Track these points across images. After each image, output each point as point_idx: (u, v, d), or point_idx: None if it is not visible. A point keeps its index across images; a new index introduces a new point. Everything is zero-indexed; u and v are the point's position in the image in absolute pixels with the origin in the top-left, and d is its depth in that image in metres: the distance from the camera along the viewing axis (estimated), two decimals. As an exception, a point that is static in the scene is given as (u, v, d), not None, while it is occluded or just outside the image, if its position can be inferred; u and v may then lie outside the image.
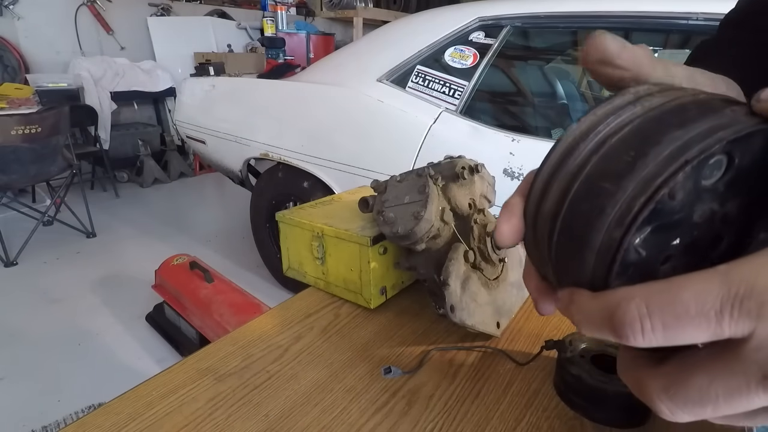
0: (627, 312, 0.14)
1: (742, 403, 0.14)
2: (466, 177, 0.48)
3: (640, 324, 0.14)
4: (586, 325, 0.16)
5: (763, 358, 0.13)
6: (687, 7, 1.16)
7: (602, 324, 0.15)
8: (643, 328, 0.14)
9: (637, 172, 0.15)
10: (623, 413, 0.37)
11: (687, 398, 0.15)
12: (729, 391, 0.14)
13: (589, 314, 0.16)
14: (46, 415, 1.39)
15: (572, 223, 0.17)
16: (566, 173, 0.17)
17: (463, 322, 0.44)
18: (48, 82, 3.11)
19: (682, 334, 0.14)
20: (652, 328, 0.14)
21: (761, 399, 0.13)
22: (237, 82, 2.11)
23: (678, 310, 0.14)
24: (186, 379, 0.41)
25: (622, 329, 0.14)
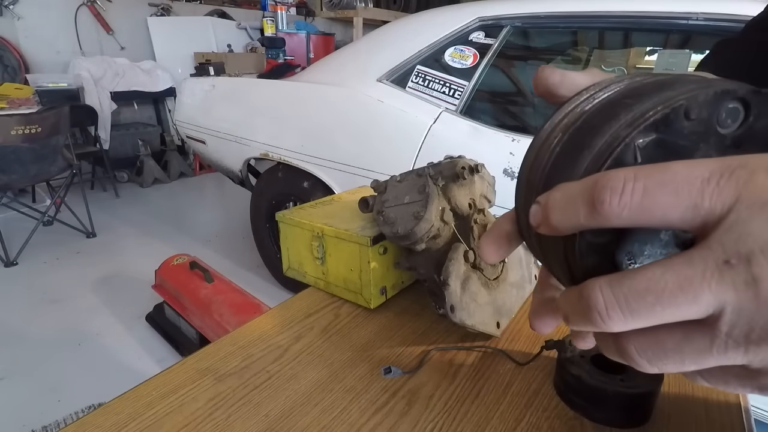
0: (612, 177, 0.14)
1: (696, 295, 0.13)
2: (466, 177, 0.48)
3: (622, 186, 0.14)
4: (561, 202, 0.15)
5: (734, 240, 0.12)
6: (687, 7, 1.16)
7: (580, 195, 0.15)
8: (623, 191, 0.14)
9: (660, 93, 0.16)
10: (623, 413, 0.37)
11: (631, 289, 0.14)
12: (683, 279, 0.13)
13: (568, 191, 0.15)
14: (46, 415, 1.39)
15: (581, 130, 0.17)
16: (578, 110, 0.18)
17: (463, 322, 0.44)
18: (48, 82, 3.11)
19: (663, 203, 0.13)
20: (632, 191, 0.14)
21: (719, 294, 0.13)
22: (237, 82, 2.11)
23: (664, 178, 0.13)
24: (186, 379, 0.41)
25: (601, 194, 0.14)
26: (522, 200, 0.20)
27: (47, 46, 3.40)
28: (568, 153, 0.17)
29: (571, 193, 0.15)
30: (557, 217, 0.15)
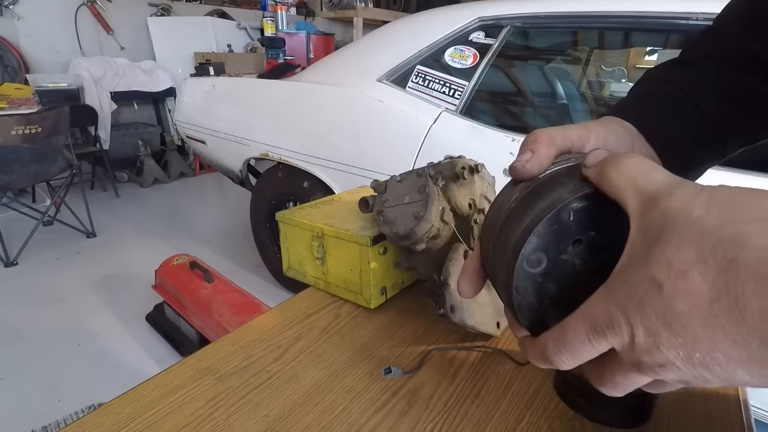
0: (547, 349, 0.22)
1: (631, 382, 0.21)
2: (466, 177, 0.48)
3: (557, 356, 0.22)
4: (531, 356, 0.24)
5: (626, 358, 0.20)
6: (687, 7, 1.16)
7: (540, 357, 0.23)
8: (561, 359, 0.22)
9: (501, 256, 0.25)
10: (623, 413, 0.37)
11: (608, 382, 0.22)
12: (623, 378, 0.21)
13: (530, 352, 0.24)
14: (46, 415, 1.39)
15: (531, 194, 0.25)
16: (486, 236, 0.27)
17: (463, 322, 0.44)
18: (48, 82, 3.11)
19: (582, 355, 0.21)
20: (564, 357, 0.22)
21: (636, 378, 0.20)
22: (237, 82, 2.11)
23: (570, 344, 0.21)
24: (186, 379, 0.41)
25: (550, 359, 0.22)
26: (484, 240, 0.27)
27: (47, 46, 3.40)
28: (519, 210, 0.24)
29: (532, 353, 0.24)
30: (540, 364, 0.24)
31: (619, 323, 0.19)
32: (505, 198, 0.26)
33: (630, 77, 2.78)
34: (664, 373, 0.19)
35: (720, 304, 0.16)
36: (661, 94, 0.38)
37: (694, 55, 0.39)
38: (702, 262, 0.17)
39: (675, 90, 0.37)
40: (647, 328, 0.18)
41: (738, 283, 0.16)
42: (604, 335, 0.20)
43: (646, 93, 0.39)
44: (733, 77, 0.36)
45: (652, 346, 0.18)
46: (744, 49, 0.36)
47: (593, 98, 2.26)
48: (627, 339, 0.19)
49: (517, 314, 0.24)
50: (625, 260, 0.20)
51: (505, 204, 0.26)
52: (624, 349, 0.19)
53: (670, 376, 0.19)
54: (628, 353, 0.19)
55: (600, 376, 0.22)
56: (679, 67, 0.39)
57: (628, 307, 0.19)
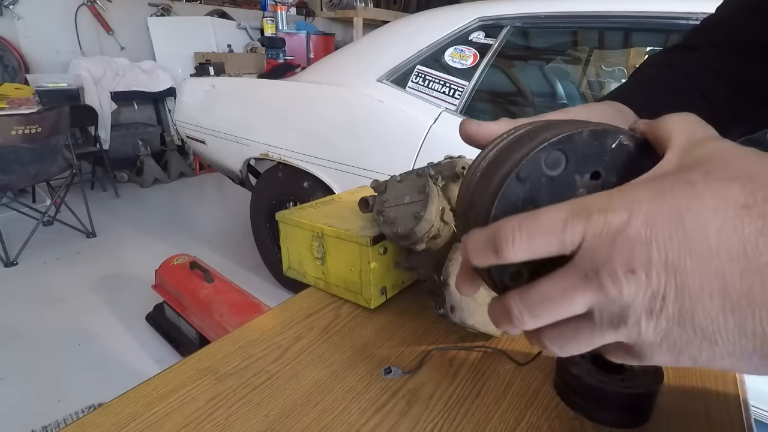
0: (503, 229, 0.19)
1: (573, 299, 0.18)
2: (466, 177, 0.48)
3: (512, 236, 0.18)
4: (475, 249, 0.20)
5: (588, 260, 0.17)
6: (687, 7, 1.16)
7: (486, 244, 0.19)
8: (514, 239, 0.18)
9: (503, 166, 0.22)
10: (623, 413, 0.37)
11: (531, 299, 0.19)
12: (562, 289, 0.18)
13: (477, 240, 0.20)
14: (46, 415, 1.39)
15: (493, 161, 0.23)
16: (479, 167, 0.24)
17: (463, 322, 0.44)
18: (48, 82, 3.11)
19: (540, 243, 0.18)
20: (520, 238, 0.18)
21: (586, 296, 0.17)
22: (237, 82, 2.11)
23: (539, 225, 0.18)
24: (186, 379, 0.41)
25: (499, 243, 0.18)
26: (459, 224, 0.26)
27: (47, 46, 3.40)
28: (485, 177, 0.22)
29: (478, 241, 0.20)
30: (476, 260, 0.20)
31: (615, 209, 0.17)
32: (476, 161, 0.24)
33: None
34: (624, 285, 0.16)
35: (750, 210, 0.15)
36: (662, 79, 0.37)
37: (696, 41, 0.38)
38: (747, 179, 0.16)
39: (677, 75, 0.37)
40: (650, 217, 0.16)
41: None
42: (588, 218, 0.17)
43: (647, 78, 0.39)
44: (736, 64, 0.35)
45: (642, 239, 0.16)
46: (747, 37, 0.35)
47: (593, 98, 2.26)
48: (614, 224, 0.17)
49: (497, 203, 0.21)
50: (649, 174, 0.19)
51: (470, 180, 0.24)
52: (597, 238, 0.17)
53: (627, 292, 0.16)
54: (599, 245, 0.17)
55: (529, 292, 0.19)
56: (683, 53, 0.38)
57: (640, 197, 0.17)
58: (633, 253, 0.16)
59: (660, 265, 0.16)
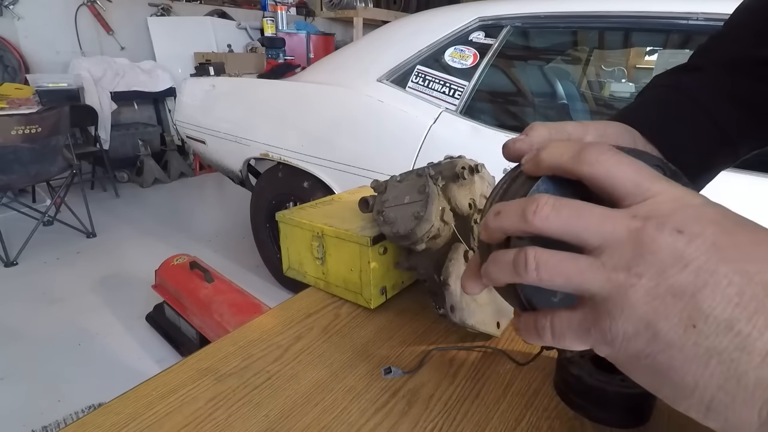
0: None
1: (604, 223, 0.19)
2: (466, 177, 0.48)
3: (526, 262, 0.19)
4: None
5: (650, 207, 0.18)
6: (687, 7, 1.16)
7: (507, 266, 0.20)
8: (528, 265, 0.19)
9: None
10: (623, 413, 0.37)
11: (567, 206, 0.19)
12: (604, 214, 0.19)
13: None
14: (46, 415, 1.39)
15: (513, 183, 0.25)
16: None
17: (464, 322, 0.44)
18: (48, 82, 3.11)
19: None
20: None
21: (616, 226, 0.18)
22: (237, 82, 2.11)
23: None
24: (186, 379, 0.41)
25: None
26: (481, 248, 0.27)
27: (47, 46, 3.40)
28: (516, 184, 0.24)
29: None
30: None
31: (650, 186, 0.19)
32: (500, 183, 0.26)
33: (630, 77, 2.78)
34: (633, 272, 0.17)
35: None
36: (668, 99, 0.38)
37: (702, 61, 0.39)
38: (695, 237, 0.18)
39: (683, 95, 0.37)
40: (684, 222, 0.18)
41: None
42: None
43: (653, 99, 0.39)
44: (741, 83, 0.36)
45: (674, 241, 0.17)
46: (753, 54, 0.36)
47: (593, 98, 2.26)
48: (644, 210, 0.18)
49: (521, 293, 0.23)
50: None
51: (500, 186, 0.26)
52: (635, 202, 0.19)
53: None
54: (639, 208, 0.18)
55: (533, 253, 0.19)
56: (687, 73, 0.39)
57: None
58: (694, 221, 0.17)
59: (707, 240, 0.17)
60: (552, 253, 0.19)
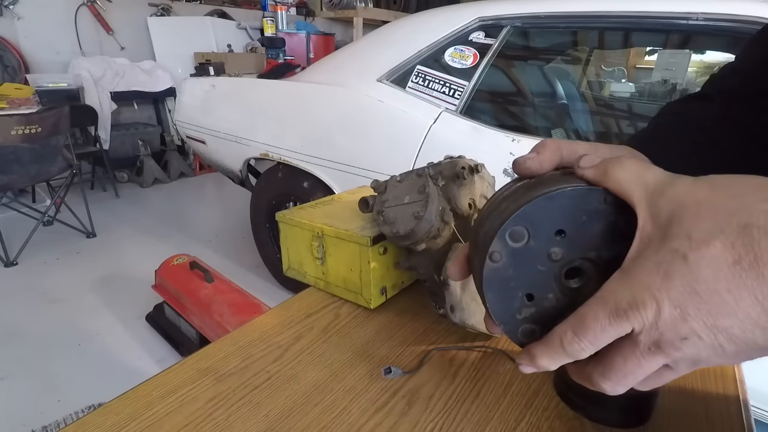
0: (566, 340, 0.22)
1: (642, 369, 0.21)
2: (466, 177, 0.48)
3: (578, 345, 0.22)
4: (548, 360, 0.23)
5: (646, 341, 0.20)
6: (687, 7, 1.16)
7: (559, 354, 0.22)
8: (582, 348, 0.22)
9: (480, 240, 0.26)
10: (623, 413, 0.37)
11: (614, 374, 0.22)
12: (635, 364, 0.21)
13: (549, 354, 0.23)
14: (46, 415, 1.39)
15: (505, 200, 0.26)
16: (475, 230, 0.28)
17: (464, 322, 0.44)
18: (48, 82, 3.11)
19: (601, 341, 0.21)
20: (586, 346, 0.21)
21: (658, 362, 0.21)
22: (237, 82, 2.11)
23: (591, 331, 0.21)
24: (186, 379, 0.41)
25: (571, 351, 0.22)
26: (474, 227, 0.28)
27: (47, 46, 3.40)
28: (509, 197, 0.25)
29: (551, 356, 0.23)
30: (551, 366, 0.24)
31: (643, 301, 0.20)
32: (499, 191, 0.28)
33: (630, 77, 2.78)
34: (685, 348, 0.19)
35: (741, 265, 0.18)
36: (676, 127, 0.39)
37: (711, 90, 0.41)
38: (720, 231, 0.18)
39: (690, 123, 0.39)
40: (674, 299, 0.19)
41: (754, 242, 0.18)
42: (626, 316, 0.20)
43: (662, 126, 0.41)
44: (747, 113, 0.37)
45: (678, 318, 0.19)
46: (759, 86, 0.37)
47: (593, 98, 2.26)
48: (651, 316, 0.19)
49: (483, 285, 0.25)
50: (637, 245, 0.21)
51: (498, 195, 0.27)
52: (645, 328, 0.20)
53: (689, 351, 0.20)
54: (649, 332, 0.20)
55: (607, 368, 0.22)
56: (696, 101, 0.41)
57: (654, 283, 0.19)
58: (678, 329, 0.19)
59: (703, 329, 0.19)
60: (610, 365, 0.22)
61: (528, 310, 0.25)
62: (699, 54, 1.89)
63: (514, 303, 0.25)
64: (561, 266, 0.24)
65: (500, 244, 0.24)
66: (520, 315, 0.25)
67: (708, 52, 1.75)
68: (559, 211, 0.23)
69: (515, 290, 0.24)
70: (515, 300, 0.25)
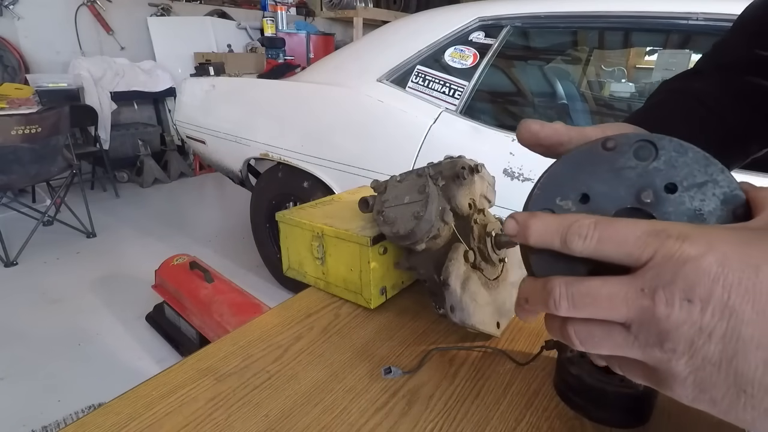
0: (579, 223, 0.20)
1: (619, 306, 0.18)
2: (466, 177, 0.48)
3: (585, 231, 0.19)
4: (541, 230, 0.21)
5: (650, 277, 0.18)
6: (687, 7, 1.16)
7: (556, 229, 0.20)
8: (586, 235, 0.19)
9: None
10: (623, 413, 0.37)
11: (578, 290, 0.19)
12: (612, 293, 0.18)
13: (547, 223, 0.21)
14: (46, 415, 1.39)
15: None
16: None
17: (463, 322, 0.44)
18: (48, 82, 3.11)
19: (609, 247, 0.19)
20: (591, 237, 0.19)
21: (632, 308, 0.18)
22: (237, 82, 2.11)
23: (615, 231, 0.19)
24: (186, 379, 0.41)
25: (571, 233, 0.20)
26: None
27: (47, 46, 3.40)
28: None
29: (548, 224, 0.20)
30: (534, 238, 0.21)
31: (692, 237, 0.17)
32: None
33: (630, 77, 2.78)
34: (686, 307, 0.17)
35: None
36: (675, 101, 0.39)
37: (706, 65, 0.41)
38: None
39: (689, 98, 0.38)
40: (727, 257, 0.17)
41: None
42: (665, 239, 0.18)
43: (660, 102, 0.40)
44: (744, 82, 0.37)
45: (712, 273, 0.17)
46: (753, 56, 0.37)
47: (593, 98, 2.26)
48: (692, 252, 0.17)
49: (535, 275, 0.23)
50: (732, 225, 0.20)
51: None
52: (666, 261, 0.17)
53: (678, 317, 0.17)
54: (665, 266, 0.17)
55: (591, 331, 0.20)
56: (693, 77, 0.40)
57: (719, 237, 0.17)
58: (697, 283, 0.16)
59: (719, 304, 0.16)
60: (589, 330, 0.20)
61: None
62: (699, 54, 1.89)
63: None
64: None
65: None
66: None
67: None
68: (568, 178, 0.23)
69: (572, 268, 0.23)
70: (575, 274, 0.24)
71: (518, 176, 1.28)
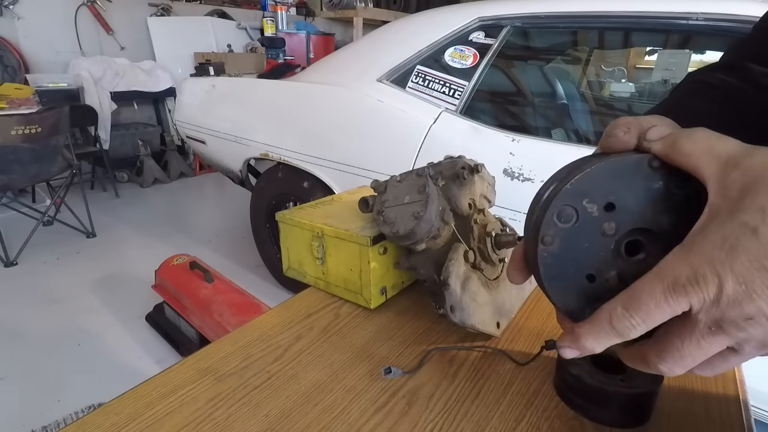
0: (616, 317, 0.21)
1: (702, 350, 0.20)
2: (466, 177, 0.48)
3: (629, 322, 0.21)
4: (596, 341, 0.22)
5: (706, 320, 0.19)
6: (687, 7, 1.16)
7: (608, 334, 0.22)
8: (633, 325, 0.21)
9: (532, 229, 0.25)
10: (623, 413, 0.37)
11: (670, 356, 0.21)
12: (694, 345, 0.20)
13: (595, 333, 0.22)
14: (46, 415, 1.39)
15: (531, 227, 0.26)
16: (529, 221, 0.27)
17: (463, 322, 0.44)
18: (48, 82, 3.11)
19: (653, 319, 0.20)
20: (637, 323, 0.20)
21: (721, 342, 0.20)
22: (237, 82, 2.11)
23: (645, 307, 0.20)
24: (186, 379, 0.41)
25: (620, 330, 0.21)
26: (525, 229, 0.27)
27: (47, 46, 3.40)
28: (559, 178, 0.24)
29: (597, 334, 0.22)
30: (600, 347, 0.23)
31: (704, 276, 0.18)
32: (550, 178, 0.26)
33: (630, 77, 2.78)
34: (750, 329, 0.18)
35: None
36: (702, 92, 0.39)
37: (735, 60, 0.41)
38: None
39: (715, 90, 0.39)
40: (739, 275, 0.18)
41: None
42: (685, 292, 0.19)
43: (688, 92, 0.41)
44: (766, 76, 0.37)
45: (742, 295, 0.18)
46: None
47: (593, 98, 2.26)
48: (713, 292, 0.18)
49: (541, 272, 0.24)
50: (704, 219, 0.20)
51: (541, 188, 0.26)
52: (705, 306, 0.19)
53: (755, 333, 0.18)
54: (710, 310, 0.19)
55: (664, 348, 0.21)
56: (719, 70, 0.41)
57: (716, 257, 0.18)
58: (742, 307, 0.18)
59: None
60: (667, 344, 0.21)
61: (591, 292, 0.24)
62: (699, 54, 1.89)
63: (575, 286, 0.24)
64: (618, 241, 0.23)
65: (551, 227, 0.23)
66: (584, 299, 0.24)
67: (708, 52, 1.75)
68: (603, 183, 0.22)
69: (574, 273, 0.23)
70: (576, 283, 0.24)
71: (518, 176, 1.28)
